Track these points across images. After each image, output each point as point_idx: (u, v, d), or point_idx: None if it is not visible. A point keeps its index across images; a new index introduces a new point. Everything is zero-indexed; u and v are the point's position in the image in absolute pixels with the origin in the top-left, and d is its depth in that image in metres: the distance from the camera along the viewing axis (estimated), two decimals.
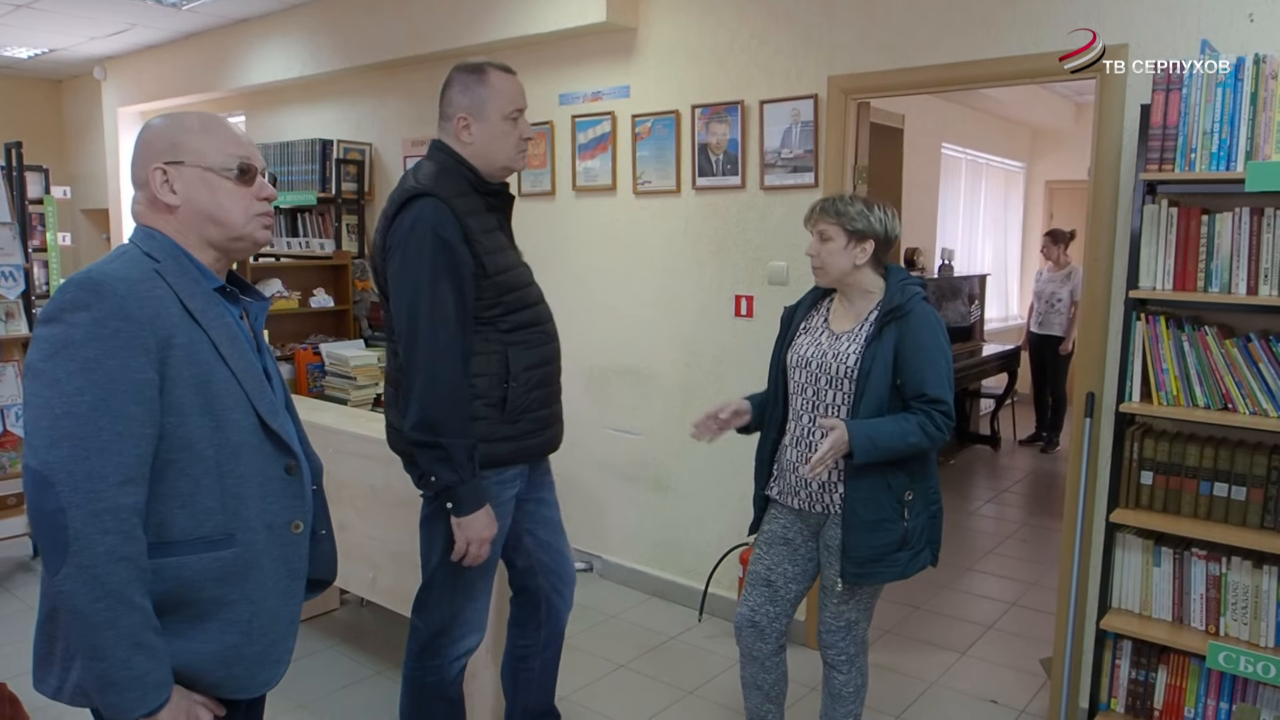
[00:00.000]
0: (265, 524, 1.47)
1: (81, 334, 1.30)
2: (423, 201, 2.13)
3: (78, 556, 1.26)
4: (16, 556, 4.55)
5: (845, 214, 2.29)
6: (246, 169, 1.51)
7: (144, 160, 1.49)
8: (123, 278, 1.36)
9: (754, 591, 2.47)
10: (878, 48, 3.29)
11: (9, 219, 4.25)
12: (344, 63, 5.06)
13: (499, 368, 2.23)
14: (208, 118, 1.55)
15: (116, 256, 1.43)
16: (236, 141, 1.53)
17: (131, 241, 1.48)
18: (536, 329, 2.31)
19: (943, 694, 3.29)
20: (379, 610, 3.74)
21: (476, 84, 2.23)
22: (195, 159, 1.48)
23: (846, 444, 2.17)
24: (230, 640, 1.44)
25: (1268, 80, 2.34)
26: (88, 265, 1.40)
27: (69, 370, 1.29)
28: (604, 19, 3.83)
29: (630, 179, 4.06)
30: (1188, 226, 2.52)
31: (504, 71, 2.26)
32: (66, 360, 1.29)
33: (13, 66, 7.20)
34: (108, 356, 1.30)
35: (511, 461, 2.31)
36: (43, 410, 1.29)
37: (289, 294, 4.80)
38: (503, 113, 2.23)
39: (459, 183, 2.22)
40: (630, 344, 4.12)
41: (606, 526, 4.33)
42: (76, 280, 1.34)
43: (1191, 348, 2.52)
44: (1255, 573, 2.49)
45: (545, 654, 2.65)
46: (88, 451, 1.28)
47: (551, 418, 2.38)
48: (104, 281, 1.34)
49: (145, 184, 1.48)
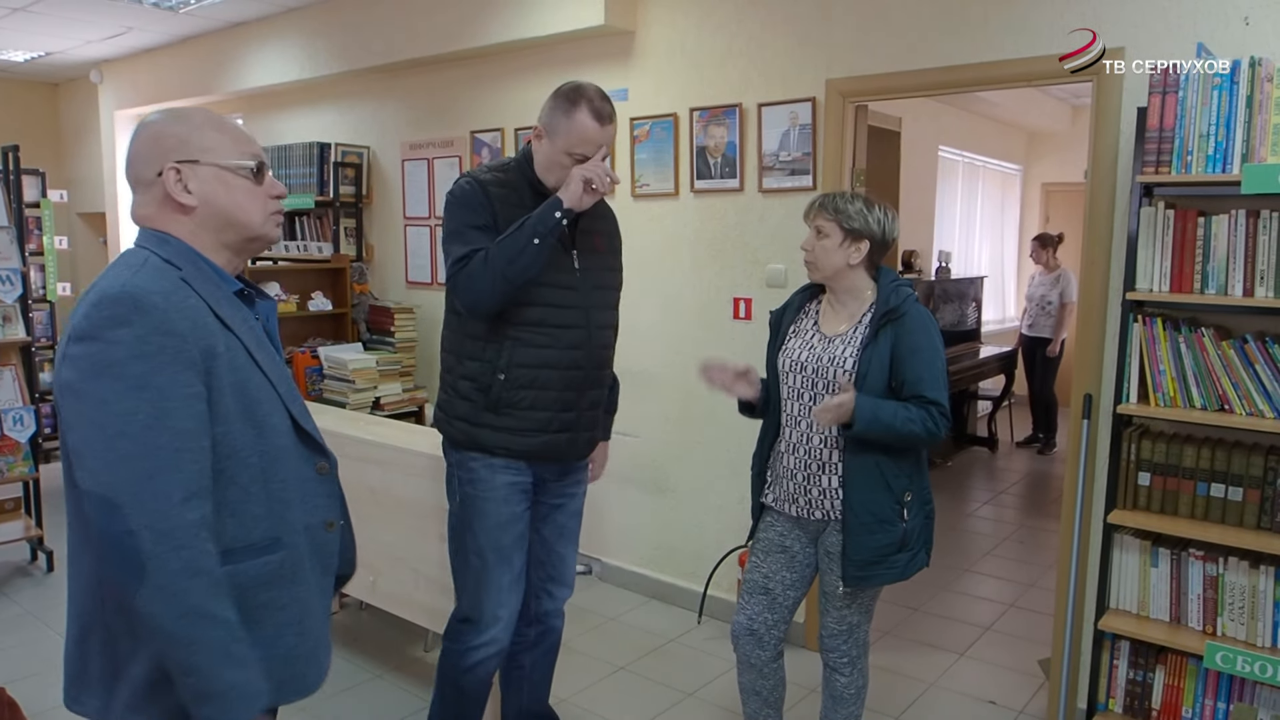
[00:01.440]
0: (305, 525, 1.48)
1: (125, 352, 1.26)
2: (460, 181, 2.34)
3: (154, 577, 1.24)
4: (15, 561, 4.54)
5: (843, 212, 2.29)
6: (261, 167, 1.47)
7: (153, 158, 1.40)
8: (159, 290, 1.30)
9: (751, 599, 2.47)
10: (875, 51, 3.30)
11: (6, 223, 4.24)
12: (342, 66, 5.07)
13: (494, 357, 2.28)
14: (212, 114, 1.49)
15: (139, 266, 1.34)
16: (247, 139, 1.48)
17: (143, 247, 1.40)
18: (540, 329, 2.29)
19: (941, 695, 3.30)
20: (378, 613, 3.74)
21: (564, 111, 2.25)
22: (210, 157, 1.42)
23: (851, 411, 2.16)
24: (287, 643, 1.44)
25: (1263, 83, 2.36)
26: (109, 277, 1.33)
27: (117, 390, 1.25)
28: (602, 22, 3.84)
29: (629, 182, 4.07)
30: (1184, 229, 2.53)
31: (594, 116, 2.24)
32: (113, 380, 1.25)
33: (9, 70, 7.19)
34: (155, 373, 1.27)
35: (497, 452, 2.34)
36: (94, 432, 1.25)
37: (287, 297, 4.80)
38: (568, 149, 2.25)
39: (514, 175, 2.34)
40: (629, 346, 4.10)
41: (605, 529, 4.33)
42: (112, 296, 1.28)
43: (1188, 349, 2.53)
44: (1252, 573, 2.50)
45: (535, 652, 2.65)
46: (150, 471, 1.25)
47: (553, 423, 2.35)
48: (142, 296, 1.28)
49: (152, 184, 1.41)
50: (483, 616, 2.42)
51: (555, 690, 2.81)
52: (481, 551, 2.38)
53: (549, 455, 2.40)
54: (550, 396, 2.33)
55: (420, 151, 4.92)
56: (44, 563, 4.46)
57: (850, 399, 2.17)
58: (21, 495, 4.59)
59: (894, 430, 2.19)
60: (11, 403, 4.23)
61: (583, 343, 2.36)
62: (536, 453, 2.37)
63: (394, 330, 4.84)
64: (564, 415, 2.37)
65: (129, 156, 1.44)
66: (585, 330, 2.36)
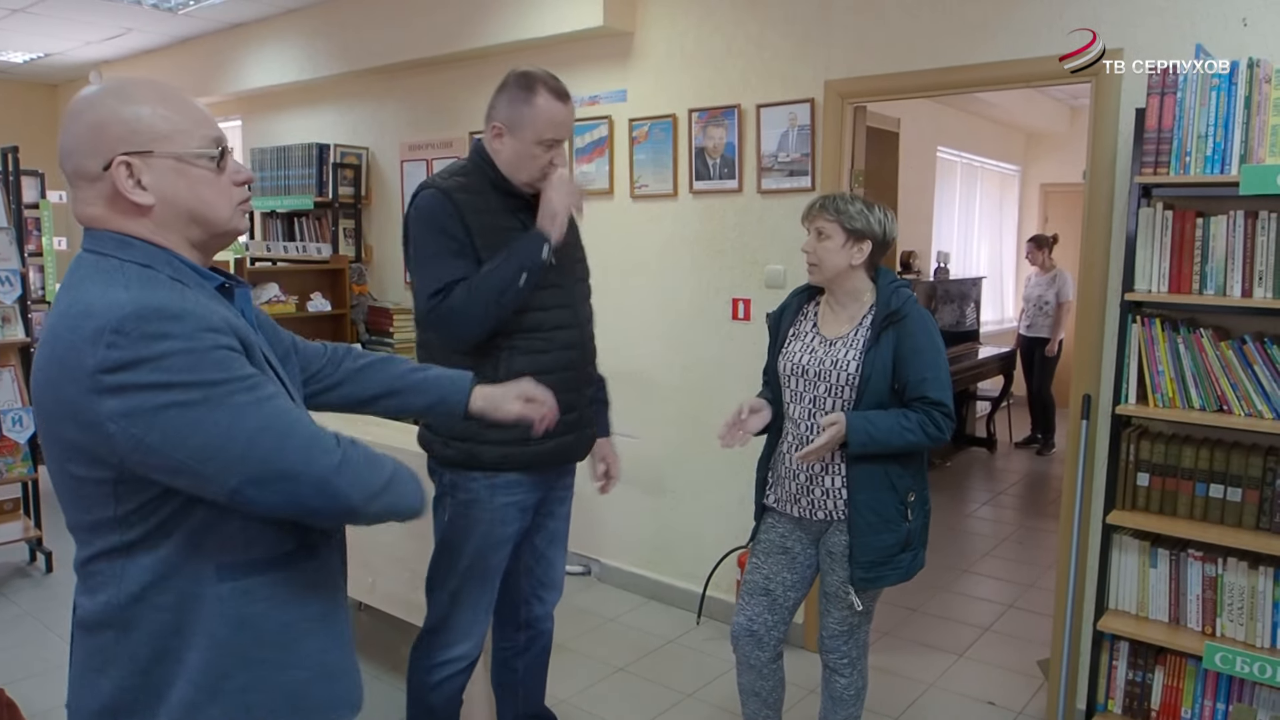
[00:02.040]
0: (324, 529, 1.41)
1: (182, 361, 1.14)
2: (424, 193, 2.21)
3: (355, 504, 1.24)
4: (14, 562, 4.54)
5: (845, 212, 2.28)
6: (223, 152, 1.28)
7: (95, 150, 1.20)
8: (165, 294, 1.18)
9: (752, 601, 2.47)
10: (874, 52, 3.30)
11: (5, 224, 4.24)
12: (341, 67, 5.07)
13: (492, 370, 2.18)
14: (162, 86, 1.27)
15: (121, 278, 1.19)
16: (205, 117, 1.28)
17: (105, 254, 1.21)
18: (536, 335, 2.24)
19: (940, 696, 3.30)
20: (377, 615, 3.73)
21: (521, 100, 2.17)
22: (165, 146, 1.22)
23: (843, 435, 2.18)
24: (334, 657, 1.39)
25: (1262, 84, 2.36)
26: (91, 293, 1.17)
27: (195, 397, 1.15)
28: (601, 23, 3.84)
29: (627, 182, 4.07)
30: (1183, 229, 2.53)
31: (555, 95, 2.18)
32: (183, 390, 1.14)
33: (8, 71, 7.20)
34: (218, 370, 1.16)
35: (499, 468, 2.25)
36: (203, 438, 1.15)
37: (286, 298, 4.79)
38: (537, 138, 2.18)
39: (476, 179, 2.23)
40: (627, 347, 4.12)
41: (604, 530, 4.33)
42: (133, 315, 1.13)
43: (1187, 350, 2.53)
44: (1251, 574, 2.50)
45: (527, 656, 2.63)
46: (280, 441, 1.19)
47: (559, 426, 2.23)
48: (162, 305, 1.15)
49: (97, 179, 1.21)
50: (453, 631, 2.35)
51: (554, 692, 2.81)
52: (464, 570, 2.30)
53: (559, 460, 2.35)
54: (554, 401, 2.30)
55: (419, 153, 4.92)
56: (43, 563, 4.46)
57: (839, 428, 2.17)
58: (20, 496, 4.59)
59: (890, 445, 2.20)
60: (11, 404, 4.23)
61: (576, 341, 2.33)
62: (547, 460, 2.30)
63: (393, 331, 4.85)
64: (568, 417, 2.29)
65: (65, 145, 1.23)
66: (576, 329, 2.33)
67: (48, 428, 1.22)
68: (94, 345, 1.13)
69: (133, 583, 1.23)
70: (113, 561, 1.24)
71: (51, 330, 1.19)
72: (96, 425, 1.14)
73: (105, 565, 1.24)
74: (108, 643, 1.26)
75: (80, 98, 1.24)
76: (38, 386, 1.21)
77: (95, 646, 1.27)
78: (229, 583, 1.27)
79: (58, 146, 1.25)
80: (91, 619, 1.26)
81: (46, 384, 1.19)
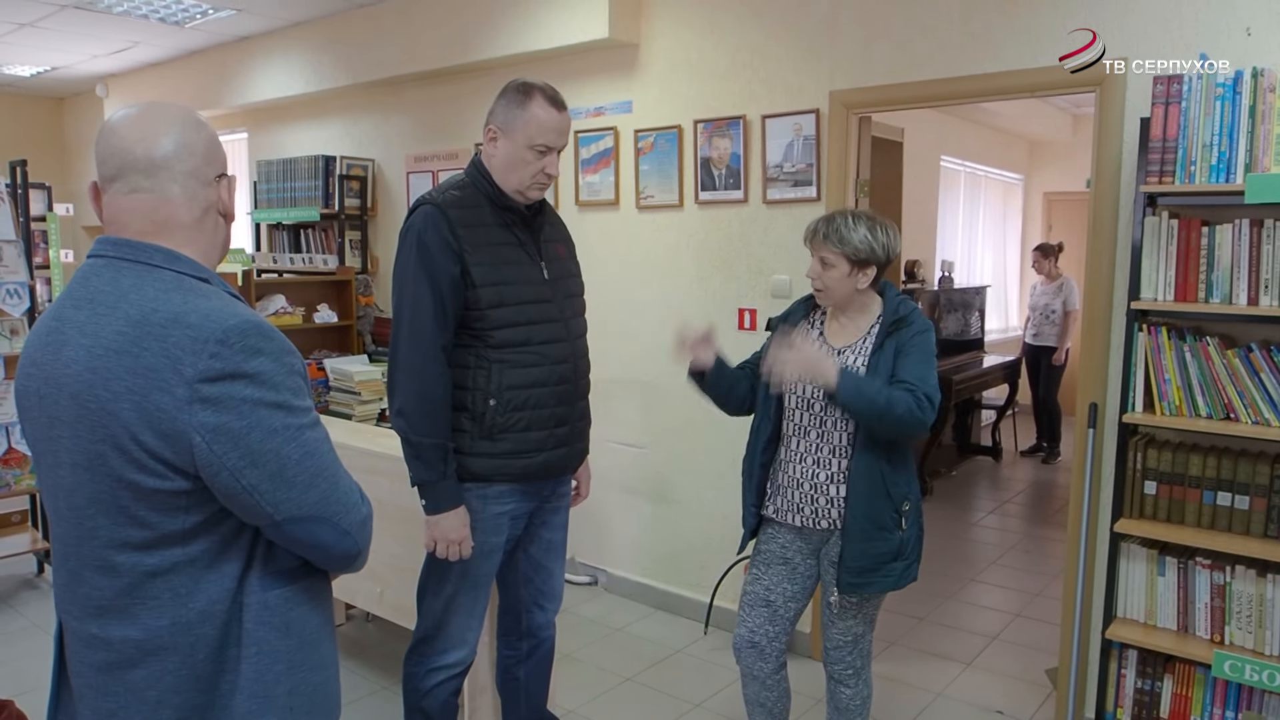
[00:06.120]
0: None
1: (281, 380, 1.22)
2: (420, 209, 2.26)
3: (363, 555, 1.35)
4: (21, 574, 4.55)
5: (848, 242, 2.26)
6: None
7: (212, 160, 1.29)
8: (251, 311, 1.24)
9: (753, 612, 2.47)
10: (878, 63, 3.32)
11: (14, 236, 4.27)
12: (347, 79, 5.10)
13: (484, 384, 2.22)
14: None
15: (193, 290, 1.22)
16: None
17: (151, 265, 1.22)
18: (527, 348, 2.25)
19: (948, 705, 3.30)
20: (385, 625, 3.74)
21: (517, 105, 2.21)
22: (228, 167, 1.34)
23: (832, 380, 2.14)
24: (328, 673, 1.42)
25: (1266, 93, 2.37)
26: (174, 302, 1.19)
27: (282, 419, 1.21)
28: (606, 35, 3.86)
29: (633, 193, 4.09)
30: (1188, 238, 2.54)
31: (551, 103, 2.23)
32: (276, 410, 1.21)
33: (15, 84, 7.24)
34: (295, 396, 1.24)
35: (492, 479, 2.27)
36: (279, 463, 1.21)
37: (292, 310, 4.81)
38: (529, 142, 2.21)
39: (471, 193, 2.26)
40: (633, 357, 4.13)
41: (611, 540, 4.33)
42: (235, 328, 1.18)
43: (1193, 358, 2.54)
44: (1259, 581, 2.50)
45: (529, 664, 2.64)
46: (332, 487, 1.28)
47: (549, 440, 2.32)
48: (259, 321, 1.21)
49: (205, 187, 1.28)
50: (447, 638, 2.38)
51: (562, 701, 2.81)
52: (456, 578, 2.33)
53: (549, 473, 2.38)
54: (545, 414, 2.29)
55: (425, 164, 4.94)
56: (50, 576, 4.47)
57: (833, 365, 2.16)
58: (28, 508, 4.60)
59: (877, 404, 2.14)
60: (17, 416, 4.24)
61: (568, 355, 2.34)
62: (536, 472, 2.33)
63: None
64: (559, 431, 2.33)
65: (186, 145, 1.26)
66: (568, 343, 2.35)
67: (106, 437, 1.18)
68: (195, 355, 1.15)
69: (202, 598, 1.23)
70: (178, 578, 1.22)
71: (123, 337, 1.17)
72: (181, 435, 1.16)
73: (165, 584, 1.22)
74: (169, 669, 1.23)
75: (186, 110, 1.30)
76: (98, 399, 1.17)
77: (150, 677, 1.23)
78: (274, 590, 1.30)
79: (178, 149, 1.25)
80: (151, 644, 1.22)
81: (125, 393, 1.16)
